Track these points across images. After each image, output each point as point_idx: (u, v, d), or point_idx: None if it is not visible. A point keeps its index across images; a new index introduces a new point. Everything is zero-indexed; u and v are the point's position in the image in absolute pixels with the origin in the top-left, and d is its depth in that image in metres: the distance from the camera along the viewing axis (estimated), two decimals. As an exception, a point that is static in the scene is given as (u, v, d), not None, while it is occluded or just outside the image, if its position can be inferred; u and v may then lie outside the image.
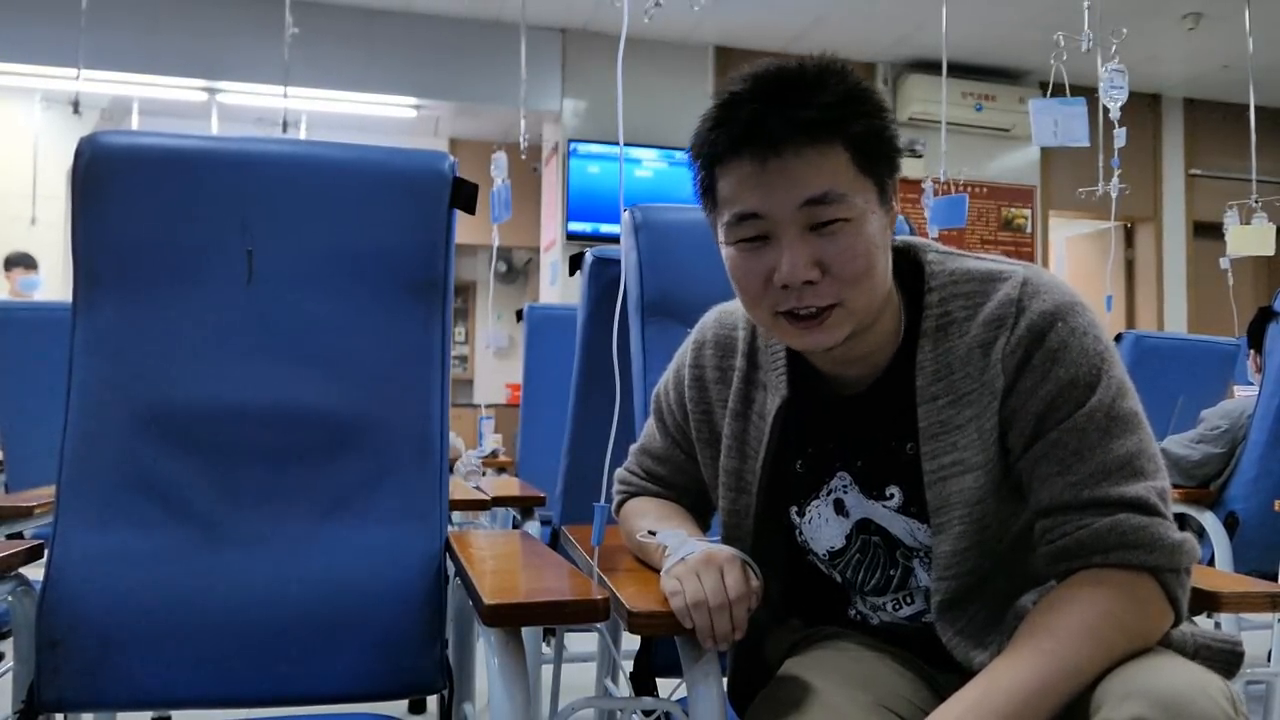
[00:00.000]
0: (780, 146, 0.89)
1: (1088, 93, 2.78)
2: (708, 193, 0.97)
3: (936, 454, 0.95)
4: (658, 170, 6.41)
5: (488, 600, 0.91)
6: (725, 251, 0.97)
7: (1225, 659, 0.92)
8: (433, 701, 2.47)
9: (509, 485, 2.35)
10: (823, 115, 0.89)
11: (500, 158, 3.13)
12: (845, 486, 1.04)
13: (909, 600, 1.04)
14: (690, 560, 0.96)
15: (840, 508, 1.04)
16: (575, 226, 6.31)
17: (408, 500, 1.29)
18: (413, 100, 6.24)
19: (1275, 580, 2.07)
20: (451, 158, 1.36)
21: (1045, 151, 6.86)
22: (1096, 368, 0.91)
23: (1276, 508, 2.18)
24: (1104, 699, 0.79)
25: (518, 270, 8.93)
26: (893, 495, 1.01)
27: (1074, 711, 0.81)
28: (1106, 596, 0.85)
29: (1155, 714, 0.75)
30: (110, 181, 1.28)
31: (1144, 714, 0.75)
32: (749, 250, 0.93)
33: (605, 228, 6.27)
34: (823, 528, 1.06)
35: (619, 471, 1.24)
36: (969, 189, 6.72)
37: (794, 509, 1.08)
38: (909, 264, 0.99)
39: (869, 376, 1.01)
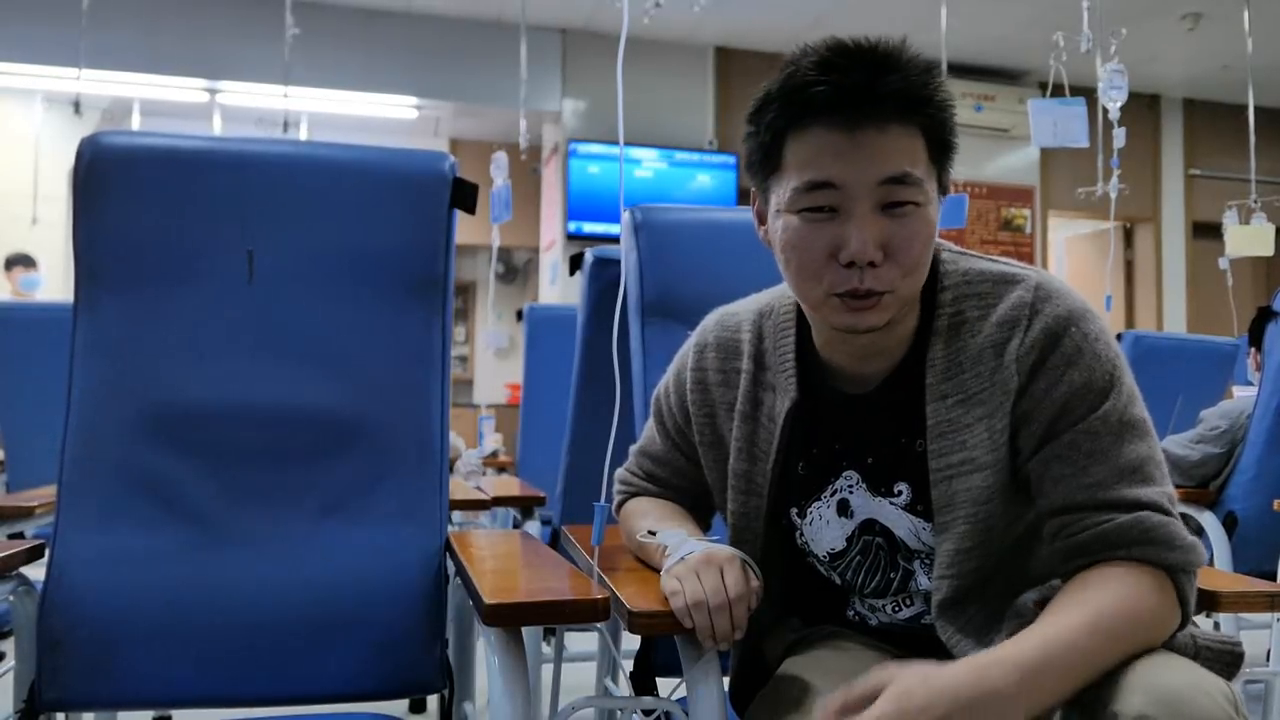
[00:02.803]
0: (871, 119, 0.88)
1: (1087, 93, 2.77)
2: (769, 159, 0.94)
3: (944, 452, 0.95)
4: (658, 170, 6.41)
5: (488, 600, 0.92)
6: (784, 220, 0.93)
7: (1225, 660, 0.92)
8: (433, 701, 2.48)
9: (509, 485, 2.35)
10: (911, 92, 0.89)
11: (500, 158, 3.13)
12: (852, 486, 1.03)
13: (908, 603, 1.04)
14: (690, 560, 0.96)
15: (844, 509, 1.04)
16: (575, 226, 6.31)
17: (408, 500, 1.29)
18: (413, 100, 6.24)
19: (1274, 580, 2.07)
20: (451, 158, 1.37)
21: (1045, 152, 6.86)
22: (1109, 374, 0.91)
23: (1275, 507, 2.19)
24: (1108, 694, 0.79)
25: (518, 270, 8.92)
26: (901, 492, 1.00)
27: (1075, 707, 0.81)
28: (1127, 586, 0.85)
29: (1156, 710, 0.75)
30: (111, 182, 1.28)
31: (1146, 710, 0.75)
32: (814, 221, 0.91)
33: (604, 227, 6.27)
34: (824, 530, 1.05)
35: (619, 472, 1.24)
36: (969, 189, 6.73)
37: (794, 510, 1.08)
38: None
39: (880, 374, 1.00)
